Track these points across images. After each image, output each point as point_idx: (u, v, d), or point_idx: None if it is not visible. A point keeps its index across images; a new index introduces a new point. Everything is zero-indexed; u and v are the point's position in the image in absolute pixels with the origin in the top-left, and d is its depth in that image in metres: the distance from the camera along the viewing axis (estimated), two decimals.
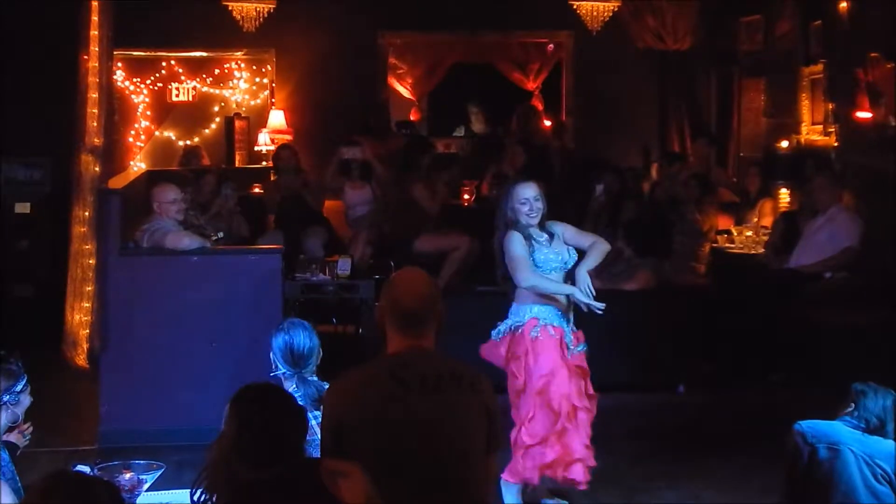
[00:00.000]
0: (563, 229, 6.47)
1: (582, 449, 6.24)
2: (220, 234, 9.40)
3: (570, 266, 6.39)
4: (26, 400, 5.02)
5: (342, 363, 4.16)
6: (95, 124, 8.20)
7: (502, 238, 6.33)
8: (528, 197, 6.37)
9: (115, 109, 11.19)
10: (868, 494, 5.31)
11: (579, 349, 6.40)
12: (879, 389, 5.48)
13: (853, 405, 5.48)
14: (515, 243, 6.27)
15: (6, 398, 4.89)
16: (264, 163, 12.51)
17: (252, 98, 13.72)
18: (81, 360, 8.30)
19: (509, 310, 6.41)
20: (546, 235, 6.38)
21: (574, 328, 6.41)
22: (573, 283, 6.34)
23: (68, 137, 8.43)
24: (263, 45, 13.12)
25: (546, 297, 6.31)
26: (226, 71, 13.67)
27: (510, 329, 6.35)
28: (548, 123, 14.32)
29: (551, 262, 6.32)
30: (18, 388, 4.95)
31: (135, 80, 13.45)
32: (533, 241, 6.31)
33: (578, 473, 6.24)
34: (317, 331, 5.40)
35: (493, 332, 6.43)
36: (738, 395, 9.05)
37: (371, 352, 4.10)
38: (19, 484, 4.68)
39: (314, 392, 5.11)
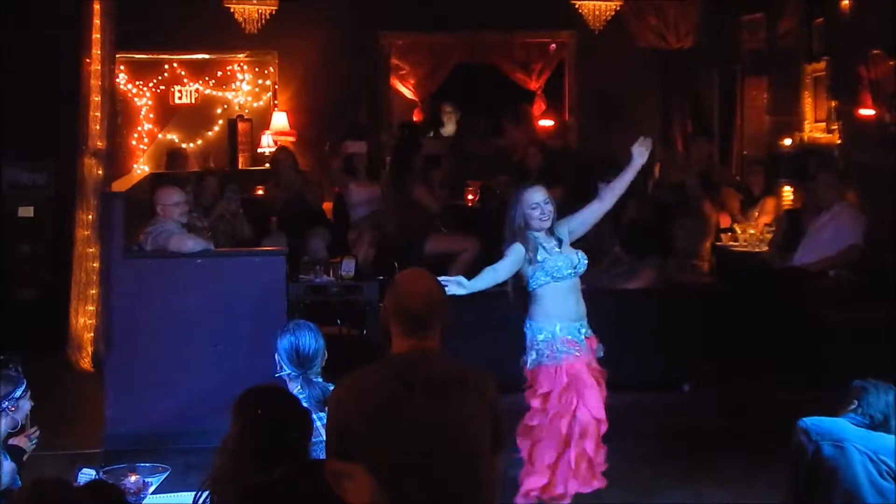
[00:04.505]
0: (567, 227, 6.46)
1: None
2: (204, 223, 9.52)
3: (580, 270, 6.39)
4: (26, 405, 5.03)
5: (347, 365, 4.16)
6: (98, 127, 8.21)
7: (506, 249, 6.33)
8: (537, 201, 6.35)
9: (118, 112, 11.24)
10: (873, 491, 5.31)
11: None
12: (880, 385, 5.49)
13: (856, 402, 5.48)
14: (512, 252, 6.29)
15: (6, 404, 4.89)
16: (267, 165, 12.53)
17: (255, 100, 13.73)
18: (86, 363, 8.32)
19: (525, 328, 6.40)
20: (555, 241, 6.37)
21: (588, 334, 6.41)
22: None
23: (71, 141, 8.44)
24: (266, 47, 13.14)
25: (558, 309, 6.32)
26: (228, 73, 13.68)
27: (538, 359, 6.35)
28: (551, 123, 14.35)
29: (562, 269, 6.31)
30: (18, 393, 4.96)
31: (137, 82, 13.45)
32: (542, 249, 6.30)
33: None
34: (321, 332, 5.40)
35: (526, 362, 6.44)
36: (742, 393, 9.05)
37: (376, 353, 4.09)
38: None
39: (319, 393, 5.11)
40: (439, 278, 5.83)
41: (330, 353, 5.36)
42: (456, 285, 5.93)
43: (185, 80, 13.60)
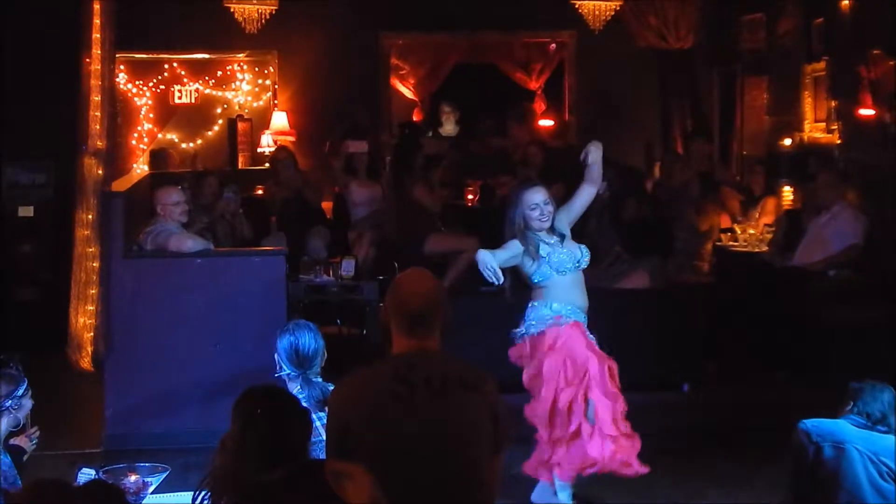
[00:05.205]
0: (565, 220, 6.47)
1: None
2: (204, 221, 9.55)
3: (583, 264, 6.41)
4: (28, 404, 5.04)
5: (347, 365, 4.16)
6: (98, 127, 8.21)
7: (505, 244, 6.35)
8: (537, 202, 6.36)
9: (118, 112, 11.22)
10: (873, 493, 5.31)
11: None
12: (876, 385, 5.49)
13: (852, 403, 5.48)
14: (510, 245, 6.30)
15: (8, 403, 4.90)
16: (267, 164, 12.54)
17: (255, 100, 13.73)
18: (86, 363, 8.32)
19: (526, 310, 6.41)
20: (556, 237, 6.38)
21: (589, 332, 6.42)
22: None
23: (71, 140, 8.45)
24: (266, 47, 13.14)
25: (562, 299, 6.33)
26: (228, 73, 13.68)
27: (535, 329, 6.35)
28: (551, 123, 14.35)
29: (565, 263, 6.33)
30: (20, 392, 4.97)
31: (137, 82, 13.45)
32: (543, 246, 6.31)
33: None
34: (321, 332, 5.40)
35: (518, 333, 6.44)
36: (743, 393, 9.04)
37: (376, 353, 4.08)
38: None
39: (319, 393, 5.11)
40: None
41: (330, 353, 5.36)
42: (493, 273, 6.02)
43: (185, 80, 13.59)
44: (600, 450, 6.28)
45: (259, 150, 13.34)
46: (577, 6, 12.31)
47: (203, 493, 3.50)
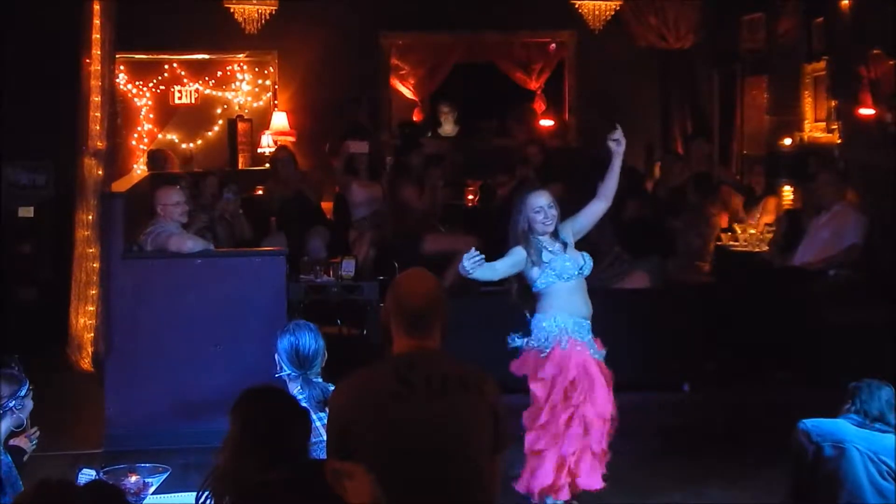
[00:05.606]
0: (570, 228, 6.46)
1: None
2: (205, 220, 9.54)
3: (586, 271, 6.39)
4: (30, 404, 5.04)
5: (347, 365, 4.16)
6: (98, 128, 8.20)
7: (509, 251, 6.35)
8: (541, 205, 6.35)
9: (118, 112, 11.24)
10: (874, 493, 5.31)
11: (599, 356, 6.41)
12: (873, 383, 5.50)
13: (851, 402, 5.49)
14: (513, 253, 6.29)
15: (11, 403, 4.91)
16: (267, 164, 12.55)
17: (255, 100, 13.74)
18: (86, 363, 8.32)
19: (531, 321, 6.40)
20: (559, 244, 6.37)
21: (593, 335, 6.41)
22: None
23: (71, 141, 8.44)
24: (265, 47, 13.15)
25: (565, 306, 6.32)
26: (228, 73, 13.69)
27: (538, 343, 6.34)
28: (551, 123, 14.36)
29: (568, 270, 6.31)
30: (23, 392, 4.97)
31: (137, 82, 13.46)
32: (546, 252, 6.30)
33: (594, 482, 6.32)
34: (321, 332, 5.40)
35: (520, 343, 6.43)
36: (743, 392, 9.05)
37: (376, 353, 4.08)
38: (22, 489, 4.68)
39: (319, 394, 5.11)
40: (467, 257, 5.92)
41: (330, 353, 5.35)
42: (469, 262, 5.97)
43: (185, 80, 13.61)
44: (585, 465, 6.30)
45: (259, 150, 13.35)
46: (577, 6, 12.32)
47: (206, 493, 3.50)
